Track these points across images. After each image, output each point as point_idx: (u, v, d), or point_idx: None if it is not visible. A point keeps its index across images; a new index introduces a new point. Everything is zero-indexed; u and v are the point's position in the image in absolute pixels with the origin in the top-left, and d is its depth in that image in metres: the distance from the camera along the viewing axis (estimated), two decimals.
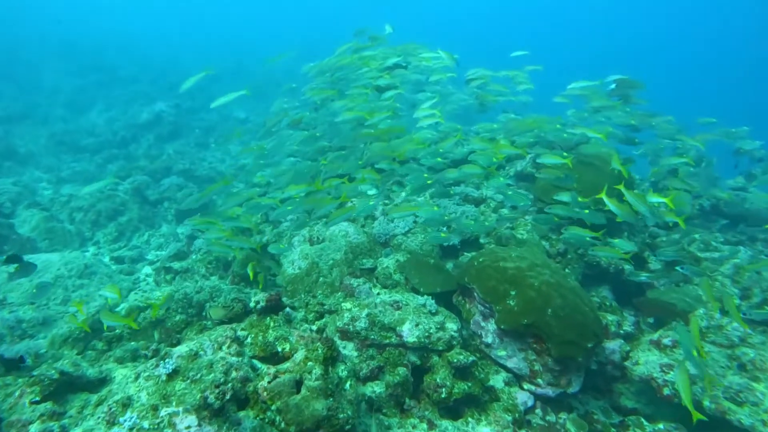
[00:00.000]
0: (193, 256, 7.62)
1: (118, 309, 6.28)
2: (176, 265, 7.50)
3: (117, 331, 5.56)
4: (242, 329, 4.14)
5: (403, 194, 7.98)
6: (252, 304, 4.27)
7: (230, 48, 28.58)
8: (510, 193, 6.22)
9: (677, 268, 6.14)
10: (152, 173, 12.82)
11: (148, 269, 8.85)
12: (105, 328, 5.43)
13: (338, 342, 4.47)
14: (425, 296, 5.00)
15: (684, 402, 3.63)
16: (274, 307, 4.27)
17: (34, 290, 6.96)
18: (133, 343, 5.10)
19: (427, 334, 4.51)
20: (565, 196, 5.89)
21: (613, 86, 8.93)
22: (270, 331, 4.05)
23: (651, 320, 5.97)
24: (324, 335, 3.98)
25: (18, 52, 21.32)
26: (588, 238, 5.40)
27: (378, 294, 5.61)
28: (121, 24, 32.29)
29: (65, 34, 24.54)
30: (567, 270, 6.26)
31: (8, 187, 10.67)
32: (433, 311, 4.74)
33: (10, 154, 13.95)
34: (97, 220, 10.22)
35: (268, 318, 4.19)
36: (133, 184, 11.38)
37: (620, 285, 6.30)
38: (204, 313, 5.35)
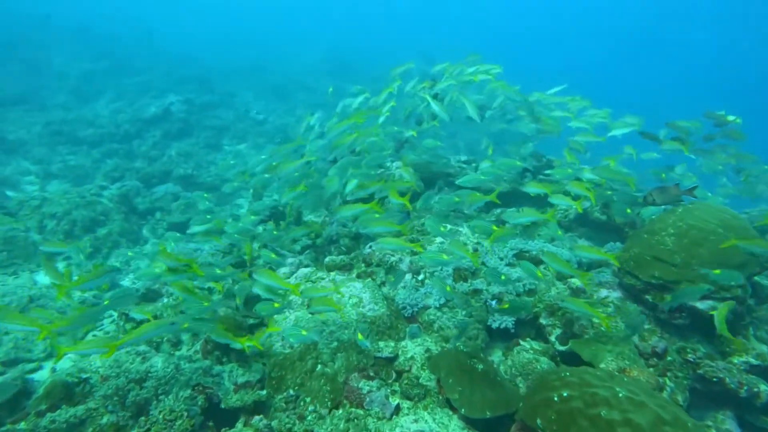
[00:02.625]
0: (164, 300, 5.95)
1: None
2: (139, 314, 5.83)
3: (21, 425, 3.91)
4: None
5: (438, 240, 6.21)
6: None
7: (251, 45, 27.21)
8: None
9: None
10: (148, 177, 11.31)
11: None
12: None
13: None
14: None
15: None
16: None
17: None
18: None
19: None
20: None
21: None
22: None
23: None
24: None
25: (29, 33, 20.17)
26: None
27: (397, 407, 3.84)
28: (141, 14, 31.17)
29: (81, 19, 23.39)
30: (667, 381, 4.40)
31: None
32: None
33: None
34: (71, 231, 8.67)
35: None
36: (121, 190, 9.83)
37: (748, 410, 4.40)
38: (142, 420, 3.64)
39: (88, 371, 4.41)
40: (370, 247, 6.00)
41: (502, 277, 4.61)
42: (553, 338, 4.89)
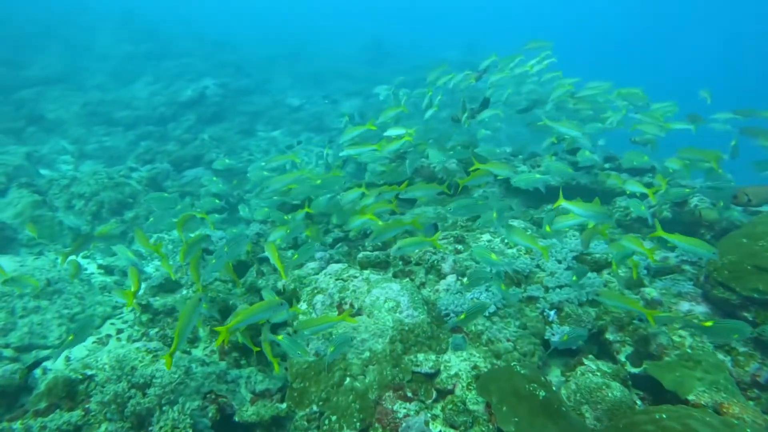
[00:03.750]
0: (183, 291, 5.50)
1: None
2: (158, 301, 5.40)
3: (18, 424, 3.49)
4: None
5: (485, 238, 5.51)
6: None
7: (290, 32, 26.82)
8: None
9: None
10: (179, 160, 11.01)
11: (144, 285, 6.86)
12: None
13: None
14: None
15: None
16: None
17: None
18: None
19: None
20: None
21: None
22: None
23: None
24: None
25: (74, 16, 20.41)
26: None
27: None
28: (183, 1, 31.28)
29: (126, 4, 23.55)
30: None
31: (8, 158, 9.04)
32: None
33: (36, 118, 12.60)
34: (99, 213, 8.41)
35: None
36: (151, 173, 9.54)
37: None
38: None
39: (94, 368, 3.98)
40: None
41: (574, 279, 3.90)
42: (622, 357, 4.15)
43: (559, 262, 4.91)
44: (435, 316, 4.26)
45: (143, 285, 5.86)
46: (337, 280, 4.63)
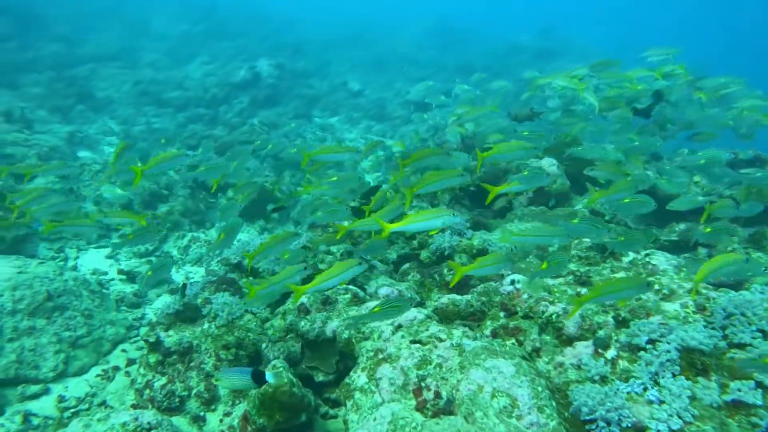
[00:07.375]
0: (205, 326, 4.16)
1: None
2: (171, 338, 4.09)
3: None
4: None
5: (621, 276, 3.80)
6: None
7: (355, 13, 25.41)
8: None
9: None
10: (225, 147, 9.86)
11: (166, 300, 5.64)
12: None
13: None
14: None
15: None
16: None
17: None
18: None
19: None
20: None
21: None
22: None
23: None
24: None
25: None
26: None
27: None
28: None
29: None
30: None
31: (45, 138, 8.18)
32: None
33: (85, 96, 11.91)
34: (129, 205, 7.36)
35: None
36: (191, 161, 8.39)
37: None
38: None
39: None
40: (513, 282, 3.73)
41: None
42: None
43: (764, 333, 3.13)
44: (570, 420, 2.66)
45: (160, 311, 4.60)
46: (412, 342, 3.10)
